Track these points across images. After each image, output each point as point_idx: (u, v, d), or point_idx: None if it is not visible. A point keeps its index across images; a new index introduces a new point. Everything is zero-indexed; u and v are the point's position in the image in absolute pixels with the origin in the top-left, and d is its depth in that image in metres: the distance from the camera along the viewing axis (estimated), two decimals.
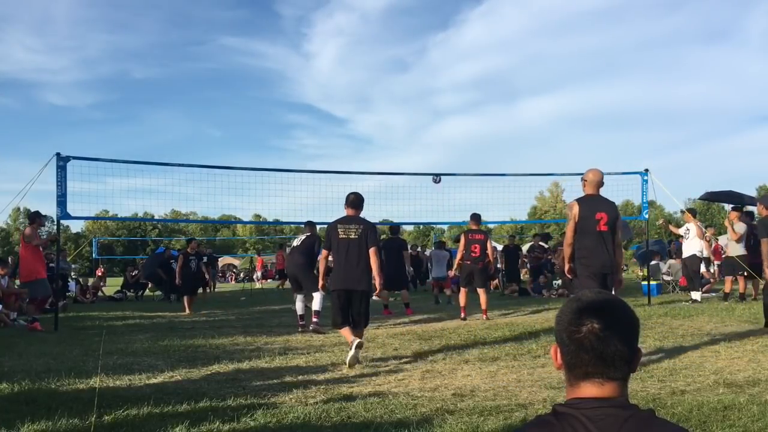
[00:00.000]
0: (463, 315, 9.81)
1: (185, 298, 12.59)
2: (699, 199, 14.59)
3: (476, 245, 9.92)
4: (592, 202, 5.82)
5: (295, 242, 9.89)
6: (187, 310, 12.19)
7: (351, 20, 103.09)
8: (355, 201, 6.43)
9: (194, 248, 13.67)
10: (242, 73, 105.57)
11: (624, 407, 1.27)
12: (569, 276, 5.93)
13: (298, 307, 9.33)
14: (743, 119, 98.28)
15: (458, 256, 10.29)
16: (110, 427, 3.88)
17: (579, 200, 5.91)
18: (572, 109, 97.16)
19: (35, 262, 9.75)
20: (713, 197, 14.87)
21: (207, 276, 16.26)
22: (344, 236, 6.19)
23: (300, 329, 8.83)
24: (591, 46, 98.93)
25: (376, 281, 6.22)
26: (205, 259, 17.48)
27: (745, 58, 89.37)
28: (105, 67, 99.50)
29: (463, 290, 10.06)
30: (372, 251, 6.12)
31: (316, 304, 8.88)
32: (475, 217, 10.38)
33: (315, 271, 8.97)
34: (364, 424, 3.89)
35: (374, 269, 6.12)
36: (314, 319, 8.78)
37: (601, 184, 5.91)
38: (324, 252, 6.50)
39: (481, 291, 10.07)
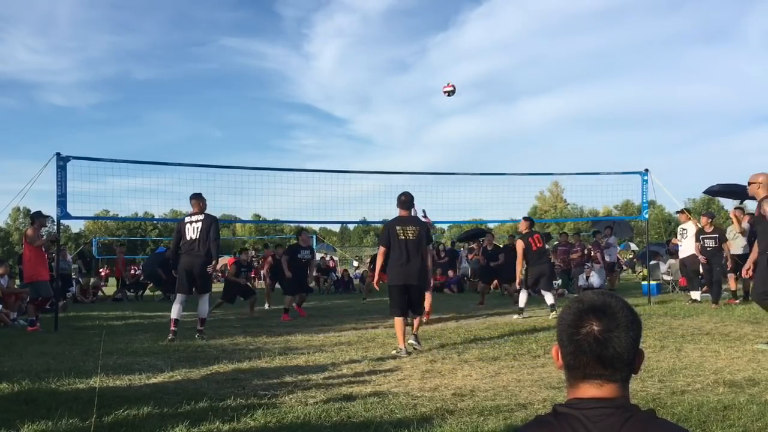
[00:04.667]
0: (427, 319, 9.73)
1: (288, 298, 11.11)
2: (704, 192, 14.47)
3: None
4: None
5: (189, 231, 8.07)
6: (288, 315, 10.73)
7: (351, 21, 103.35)
8: (406, 201, 6.85)
9: (306, 241, 11.86)
10: (243, 73, 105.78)
11: (624, 408, 1.27)
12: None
13: (176, 310, 8.02)
14: (743, 119, 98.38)
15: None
16: (110, 427, 3.88)
17: None
18: (572, 109, 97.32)
19: (37, 263, 9.74)
20: (723, 189, 14.59)
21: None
22: (403, 237, 6.66)
23: (171, 336, 7.77)
24: (591, 46, 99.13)
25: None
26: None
27: (745, 59, 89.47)
28: (107, 67, 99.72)
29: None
30: (425, 252, 6.82)
31: (203, 310, 8.15)
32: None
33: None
34: (364, 424, 3.89)
35: (428, 263, 7.07)
36: (200, 327, 8.10)
37: None
38: (382, 249, 6.89)
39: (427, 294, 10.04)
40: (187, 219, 8.31)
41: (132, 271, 21.17)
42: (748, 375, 5.06)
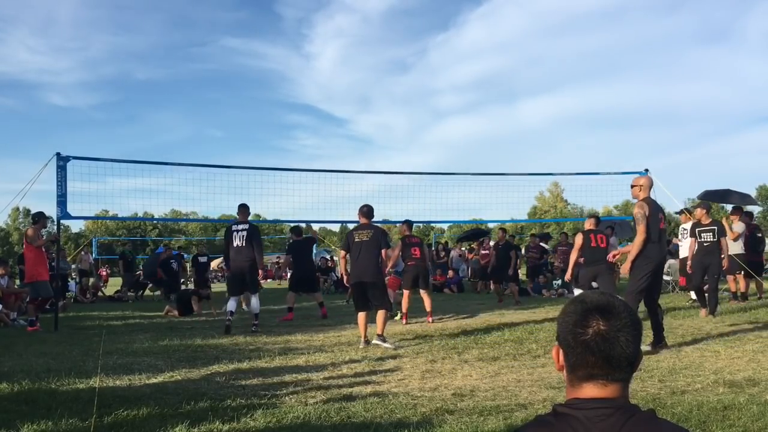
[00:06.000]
0: (404, 321, 9.63)
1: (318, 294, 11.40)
2: (697, 198, 14.54)
3: (416, 248, 10.06)
4: (654, 204, 6.60)
5: (236, 239, 8.99)
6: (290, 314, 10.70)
7: (352, 21, 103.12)
8: (367, 212, 7.55)
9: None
10: (243, 74, 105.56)
11: (625, 408, 1.27)
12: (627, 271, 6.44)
13: (231, 305, 8.99)
14: (743, 119, 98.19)
15: (392, 260, 10.11)
16: (110, 427, 3.88)
17: (647, 201, 6.53)
18: (572, 109, 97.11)
19: (37, 263, 9.73)
20: (711, 196, 14.92)
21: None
22: (359, 240, 7.33)
23: (228, 323, 8.68)
24: (591, 46, 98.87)
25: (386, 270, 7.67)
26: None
27: (745, 59, 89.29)
28: (107, 68, 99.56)
29: (406, 293, 9.90)
30: (383, 253, 7.33)
31: (254, 307, 8.95)
32: (409, 224, 10.57)
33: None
34: (364, 424, 3.89)
35: (387, 263, 7.54)
36: (255, 322, 8.87)
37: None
38: (342, 252, 7.59)
39: (424, 293, 10.14)
40: (233, 227, 9.22)
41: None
42: (748, 375, 5.06)
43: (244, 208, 9.30)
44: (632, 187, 6.73)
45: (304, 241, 11.73)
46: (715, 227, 9.60)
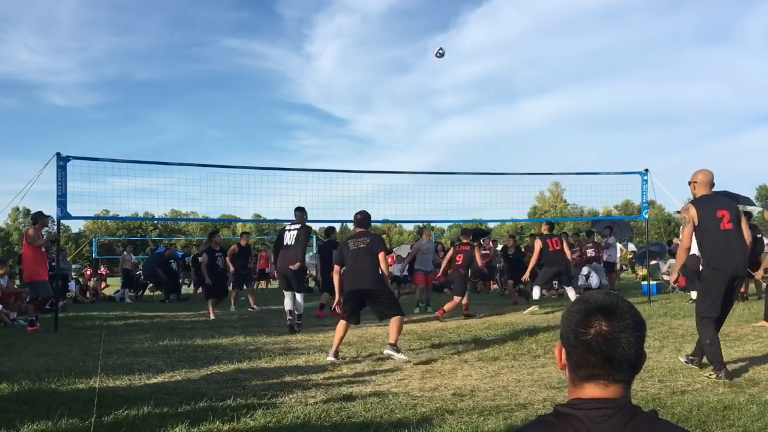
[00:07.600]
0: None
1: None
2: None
3: (460, 255, 10.70)
4: (709, 202, 5.46)
5: (287, 238, 9.24)
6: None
7: (352, 22, 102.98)
8: (362, 220, 6.89)
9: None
10: (244, 74, 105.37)
11: (626, 408, 1.27)
12: (681, 283, 5.57)
13: (287, 303, 9.19)
14: (743, 119, 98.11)
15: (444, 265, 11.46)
16: (110, 427, 3.88)
17: (694, 202, 5.50)
18: (572, 109, 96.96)
19: (37, 263, 9.72)
20: None
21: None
22: (354, 247, 6.59)
23: (289, 323, 9.01)
24: (591, 46, 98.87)
25: (385, 278, 6.72)
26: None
27: (745, 59, 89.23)
28: (108, 68, 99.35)
29: (457, 299, 10.26)
30: (381, 256, 6.56)
31: (299, 306, 9.13)
32: (465, 233, 11.39)
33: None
34: (364, 424, 3.89)
35: (383, 269, 6.58)
36: (297, 321, 9.07)
37: (712, 183, 5.55)
38: (336, 267, 6.72)
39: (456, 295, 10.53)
40: (287, 227, 9.45)
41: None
42: (748, 375, 5.06)
43: (300, 210, 9.59)
44: (689, 184, 5.70)
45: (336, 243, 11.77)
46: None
